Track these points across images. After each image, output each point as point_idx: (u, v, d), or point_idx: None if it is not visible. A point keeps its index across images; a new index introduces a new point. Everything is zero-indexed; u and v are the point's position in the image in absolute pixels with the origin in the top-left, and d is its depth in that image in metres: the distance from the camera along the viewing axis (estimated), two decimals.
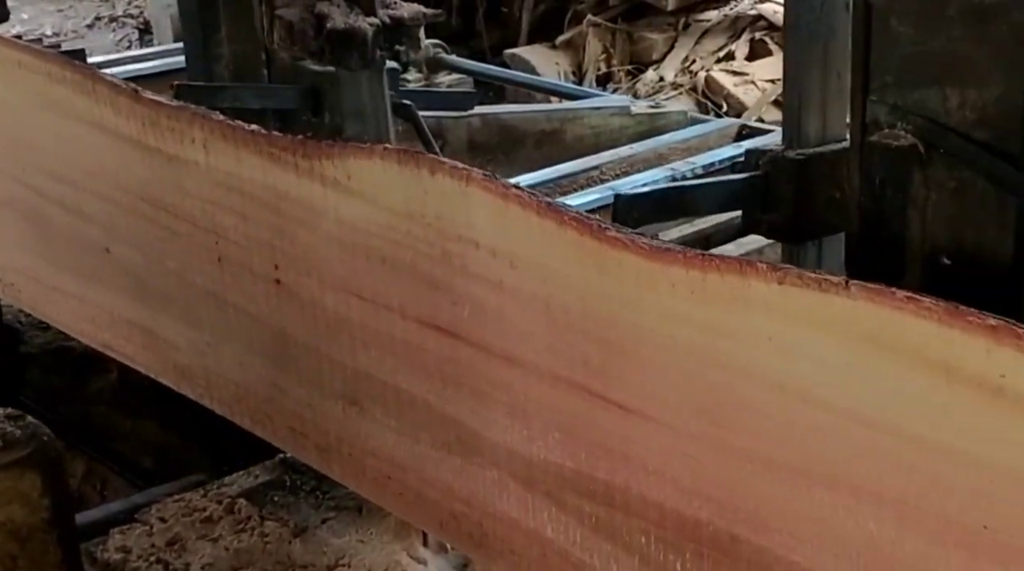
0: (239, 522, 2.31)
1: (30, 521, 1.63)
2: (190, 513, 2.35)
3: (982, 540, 1.25)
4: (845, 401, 1.33)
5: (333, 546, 2.22)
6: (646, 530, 1.61)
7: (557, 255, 1.56)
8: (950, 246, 1.60)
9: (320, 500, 2.37)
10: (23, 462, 1.62)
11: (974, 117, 1.54)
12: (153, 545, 2.27)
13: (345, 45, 2.43)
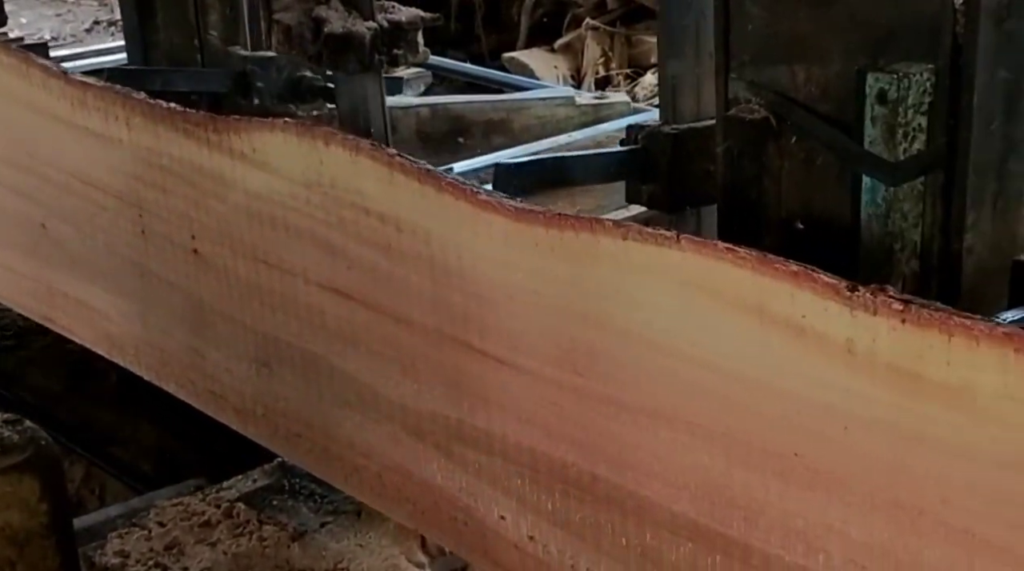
0: (237, 526, 2.31)
1: (28, 526, 1.62)
2: (188, 517, 2.34)
3: (793, 466, 1.40)
4: (681, 345, 1.47)
5: (332, 550, 2.22)
6: (521, 474, 1.74)
7: (437, 218, 1.70)
8: (802, 211, 1.74)
9: (319, 504, 2.37)
10: (21, 467, 1.61)
11: (818, 92, 1.69)
12: (151, 549, 2.26)
13: (343, 49, 2.41)
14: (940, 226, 1.63)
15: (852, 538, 1.38)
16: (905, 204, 1.61)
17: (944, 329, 1.23)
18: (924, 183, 1.62)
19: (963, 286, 1.64)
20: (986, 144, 1.62)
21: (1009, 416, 1.20)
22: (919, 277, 1.66)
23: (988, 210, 1.63)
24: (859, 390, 1.32)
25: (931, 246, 1.65)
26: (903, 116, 1.56)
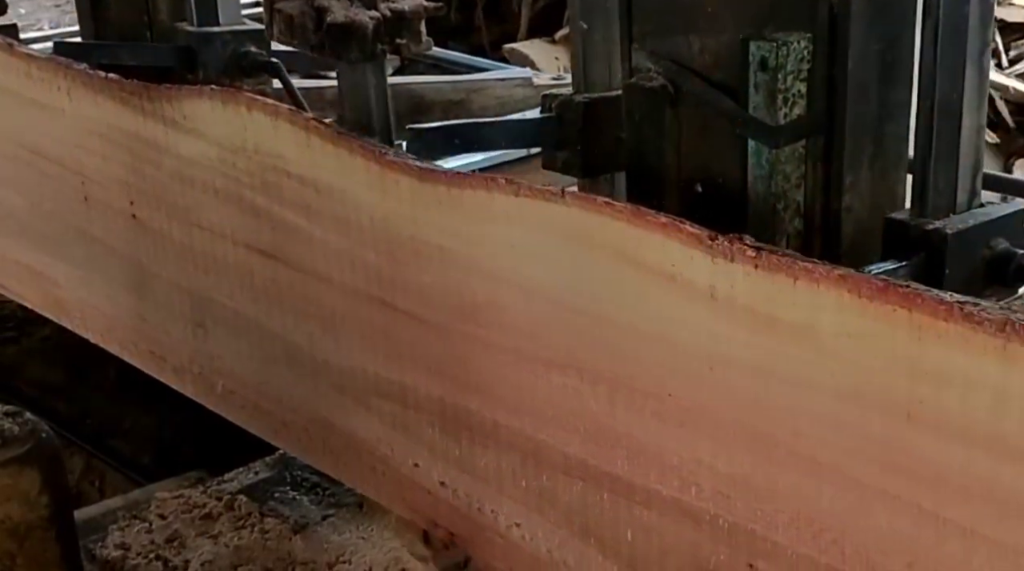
0: (239, 519, 2.29)
1: (29, 519, 1.61)
2: (189, 510, 2.33)
3: (668, 406, 1.52)
4: (569, 295, 1.59)
5: (334, 543, 2.21)
6: (432, 422, 1.86)
7: (350, 179, 1.82)
8: (700, 174, 1.86)
9: (320, 497, 2.35)
10: (22, 459, 1.60)
11: (711, 60, 1.80)
12: (152, 542, 2.25)
13: (345, 39, 2.37)
14: (821, 187, 1.75)
15: (719, 470, 1.50)
16: (787, 166, 1.73)
17: (790, 273, 1.35)
18: (805, 146, 1.74)
19: (843, 243, 1.76)
20: (862, 110, 1.73)
21: (845, 352, 1.33)
22: (803, 235, 1.78)
23: (866, 172, 1.75)
24: (721, 332, 1.44)
25: (813, 205, 1.76)
26: (783, 82, 1.68)
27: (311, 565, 2.16)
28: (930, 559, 1.32)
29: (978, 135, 1.69)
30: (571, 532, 1.73)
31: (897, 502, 1.33)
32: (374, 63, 2.42)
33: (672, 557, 1.60)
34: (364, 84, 2.44)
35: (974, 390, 1.23)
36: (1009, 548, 1.25)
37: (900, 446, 1.31)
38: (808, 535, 1.43)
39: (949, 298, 1.24)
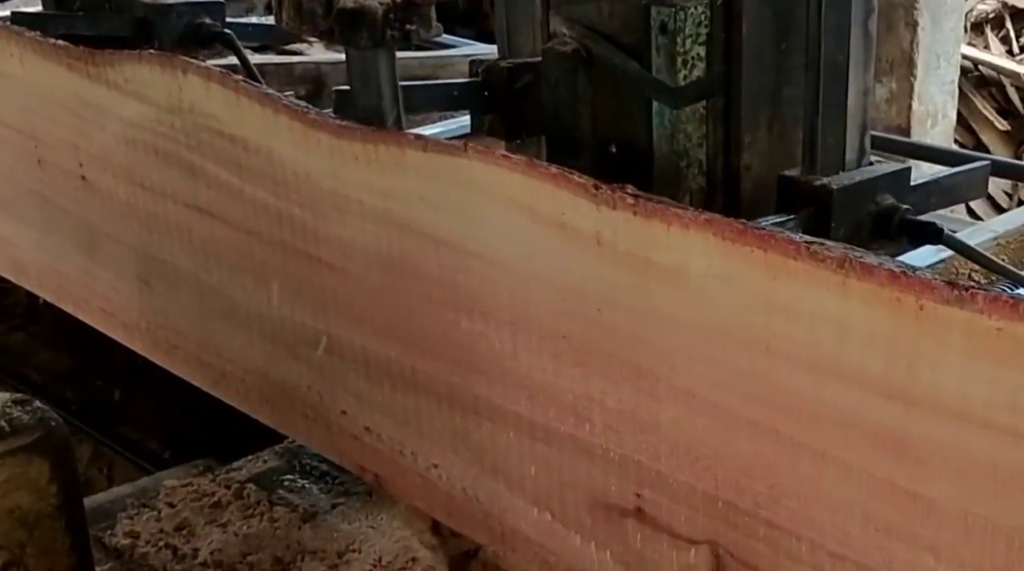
0: (248, 507, 2.30)
1: (38, 508, 1.60)
2: (199, 498, 2.34)
3: (563, 347, 1.64)
4: (473, 245, 1.71)
5: (343, 532, 2.22)
6: (356, 370, 1.98)
7: (276, 137, 1.93)
8: (612, 135, 1.97)
9: (330, 485, 2.36)
10: (31, 448, 1.59)
11: (619, 25, 1.91)
12: (161, 530, 2.26)
13: (355, 25, 2.32)
14: (722, 146, 1.86)
15: (608, 406, 1.62)
16: (688, 126, 1.84)
17: (664, 219, 1.47)
18: (706, 107, 1.85)
19: (743, 199, 1.87)
20: (759, 73, 1.85)
21: (712, 291, 1.44)
22: (705, 192, 1.89)
23: (764, 132, 1.86)
24: (607, 276, 1.55)
25: (715, 164, 1.88)
26: (682, 46, 1.79)
27: (320, 554, 2.17)
28: (788, 480, 1.44)
29: (865, 97, 1.80)
30: (482, 470, 1.85)
31: (759, 429, 1.45)
32: (384, 49, 2.38)
33: (570, 490, 1.72)
34: (374, 70, 2.41)
35: (819, 323, 1.35)
36: (854, 468, 1.37)
37: (760, 378, 1.43)
38: (686, 463, 1.55)
39: (798, 239, 1.36)
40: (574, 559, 1.76)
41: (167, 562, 2.15)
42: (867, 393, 1.34)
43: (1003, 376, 1.22)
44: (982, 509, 1.27)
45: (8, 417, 1.58)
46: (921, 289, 1.26)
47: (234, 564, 2.13)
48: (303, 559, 2.15)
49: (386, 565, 2.12)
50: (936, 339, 1.26)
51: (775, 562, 1.49)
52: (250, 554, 2.16)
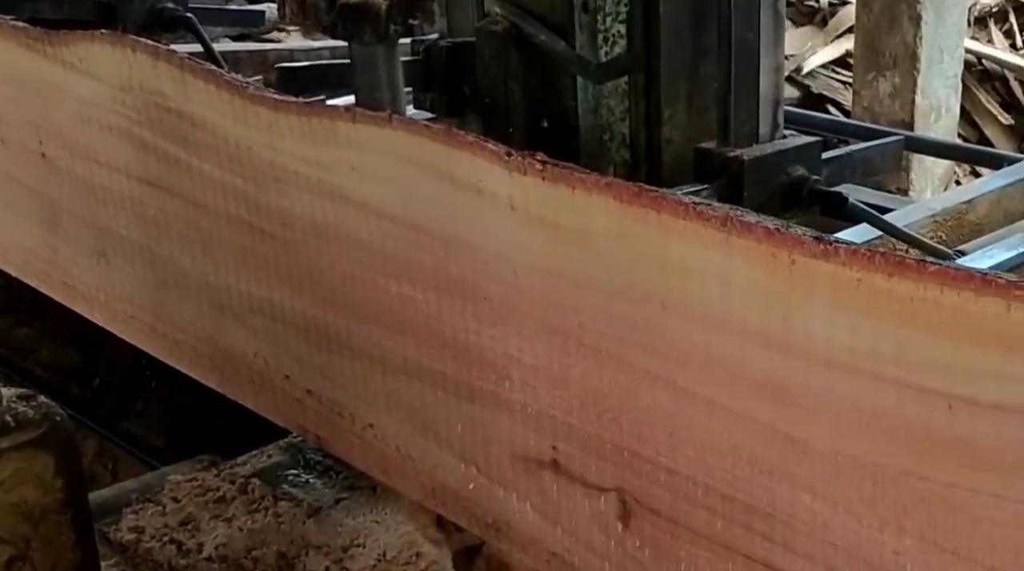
0: (252, 502, 2.30)
1: (43, 502, 1.60)
2: (203, 493, 2.34)
3: (484, 309, 1.75)
4: (401, 212, 1.81)
5: (347, 526, 2.22)
6: (297, 335, 2.09)
7: (219, 112, 2.03)
8: (543, 110, 2.07)
9: (334, 480, 2.36)
10: (36, 443, 1.58)
11: (547, 4, 2.01)
12: (166, 525, 2.26)
13: (358, 20, 2.34)
14: (644, 120, 1.96)
15: (525, 364, 1.72)
16: (611, 100, 1.94)
17: (569, 183, 1.57)
18: (628, 83, 1.95)
19: (664, 170, 1.97)
20: (677, 50, 1.94)
21: (613, 251, 1.54)
22: (629, 164, 1.99)
23: (683, 107, 1.96)
24: (520, 239, 1.65)
25: (638, 137, 1.98)
26: (603, 23, 1.89)
27: (325, 549, 2.18)
28: (684, 429, 1.54)
29: (776, 74, 1.90)
30: (414, 429, 1.95)
31: (657, 381, 1.55)
32: (387, 44, 2.38)
33: (493, 445, 1.82)
34: (376, 65, 2.40)
35: (707, 279, 1.45)
36: (740, 415, 1.47)
37: (658, 332, 1.53)
38: (594, 416, 1.65)
39: (686, 200, 1.46)
40: (499, 511, 1.86)
41: (172, 557, 2.17)
42: (749, 343, 1.44)
43: (863, 324, 1.32)
44: (850, 448, 1.37)
45: (13, 412, 1.59)
46: (792, 244, 1.36)
47: (239, 559, 2.15)
48: (308, 554, 2.16)
49: (390, 560, 2.14)
50: (806, 291, 1.36)
51: (674, 506, 1.60)
52: (255, 549, 2.18)
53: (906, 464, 1.33)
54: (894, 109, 4.19)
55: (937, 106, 4.28)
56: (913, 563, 1.35)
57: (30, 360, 3.32)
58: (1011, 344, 1.20)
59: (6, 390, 1.61)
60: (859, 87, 4.20)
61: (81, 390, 3.17)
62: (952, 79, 4.33)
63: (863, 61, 4.23)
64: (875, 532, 1.38)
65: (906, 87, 4.20)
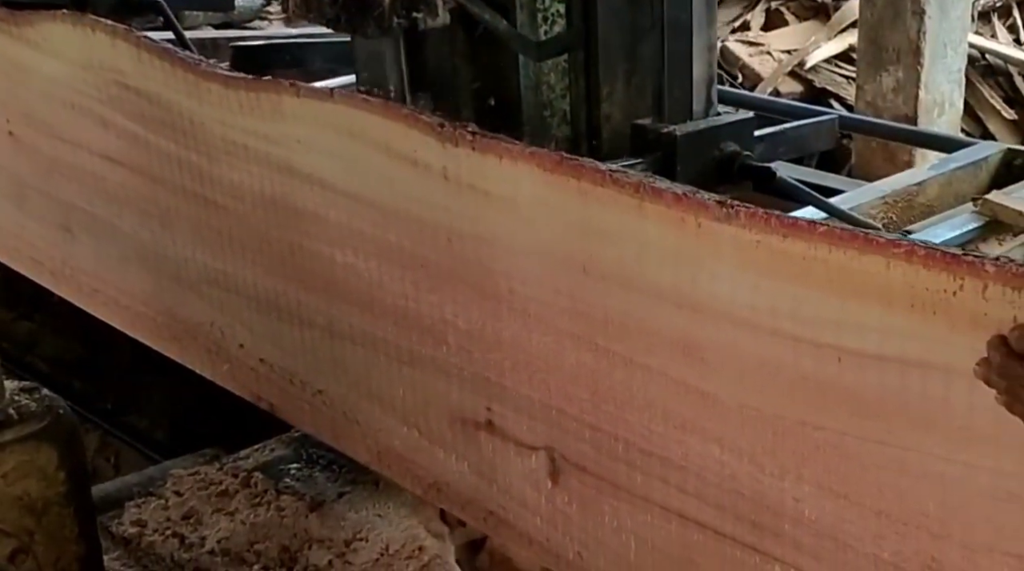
0: (255, 496, 2.30)
1: (46, 495, 1.60)
2: (206, 487, 2.33)
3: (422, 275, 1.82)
4: (341, 183, 1.88)
5: (350, 520, 2.22)
6: (250, 306, 2.16)
7: (174, 89, 2.10)
8: (490, 89, 2.14)
9: (336, 474, 2.35)
10: (39, 435, 1.59)
11: None
12: (169, 518, 2.26)
13: (362, 13, 2.32)
14: (584, 97, 2.03)
15: (460, 328, 1.79)
16: (551, 77, 2.01)
17: (497, 153, 1.64)
18: (568, 61, 2.02)
19: (603, 146, 2.05)
20: (615, 30, 2.01)
21: (538, 218, 1.62)
22: (570, 139, 2.06)
23: (621, 84, 2.03)
24: (453, 207, 1.73)
25: (578, 114, 2.05)
26: (542, 3, 1.96)
27: (328, 542, 2.18)
28: (605, 386, 1.62)
29: (710, 52, 1.98)
30: (360, 394, 2.02)
31: (580, 342, 1.63)
32: (390, 37, 2.37)
33: (432, 408, 1.90)
34: (380, 58, 2.40)
35: (623, 243, 1.53)
36: (655, 372, 1.55)
37: (581, 295, 1.61)
38: (525, 376, 1.73)
39: (603, 167, 1.53)
40: (439, 472, 1.94)
41: (174, 550, 2.17)
42: (662, 304, 1.51)
43: (763, 283, 1.39)
44: (753, 401, 1.45)
45: (16, 405, 1.59)
46: (699, 208, 1.44)
47: (241, 553, 2.16)
48: (310, 547, 2.16)
49: (393, 553, 2.14)
50: (712, 252, 1.43)
51: (598, 461, 1.67)
52: (257, 543, 2.18)
53: (803, 415, 1.40)
54: (897, 104, 4.18)
55: (940, 101, 4.26)
56: (810, 508, 1.43)
57: (32, 354, 3.32)
58: (891, 299, 1.27)
59: (9, 383, 1.62)
60: (862, 82, 4.19)
61: (83, 384, 3.17)
62: (956, 74, 4.31)
63: (866, 56, 4.22)
64: (776, 480, 1.45)
65: (909, 82, 4.17)
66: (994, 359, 1.13)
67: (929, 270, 1.24)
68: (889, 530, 1.35)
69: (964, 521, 1.28)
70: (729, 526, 1.53)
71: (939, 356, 1.25)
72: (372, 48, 2.44)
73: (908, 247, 1.26)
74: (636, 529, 1.66)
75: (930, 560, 1.32)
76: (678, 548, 1.61)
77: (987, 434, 1.22)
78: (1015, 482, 1.22)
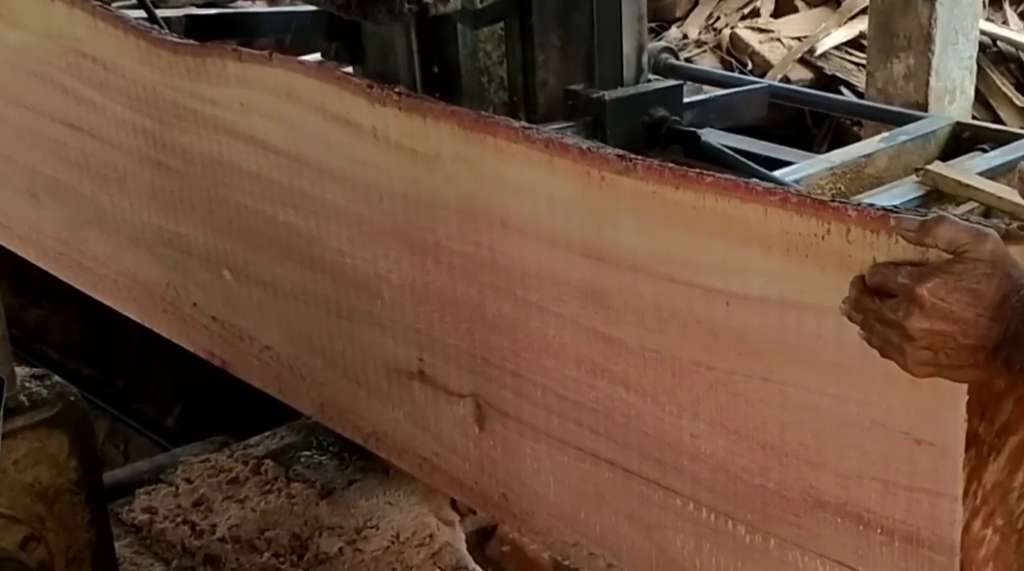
0: (265, 483, 2.30)
1: (58, 482, 1.59)
2: (216, 474, 2.33)
3: (357, 231, 1.89)
4: (281, 144, 1.96)
5: (360, 508, 2.22)
6: (202, 265, 2.24)
7: (125, 55, 2.18)
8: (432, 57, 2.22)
9: (347, 462, 2.35)
10: (50, 422, 1.58)
11: None
12: (179, 506, 2.25)
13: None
14: (520, 64, 2.11)
15: (393, 282, 1.87)
16: (488, 45, 2.08)
17: (421, 112, 1.72)
18: (504, 29, 2.09)
19: (539, 111, 2.12)
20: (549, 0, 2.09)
21: (459, 174, 1.70)
22: (507, 105, 2.13)
23: (556, 52, 2.11)
24: (383, 165, 1.80)
25: (515, 80, 2.12)
26: None
27: (338, 530, 2.18)
28: (523, 334, 1.70)
29: (640, 22, 2.05)
30: (304, 349, 2.10)
31: (500, 292, 1.71)
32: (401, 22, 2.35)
33: (370, 360, 1.98)
34: (391, 43, 2.39)
35: (536, 197, 1.61)
36: (567, 319, 1.63)
37: (500, 249, 1.69)
38: (452, 327, 1.81)
39: (516, 124, 1.61)
40: (377, 421, 2.02)
41: (185, 537, 2.18)
42: (572, 254, 1.59)
43: (660, 232, 1.47)
44: (653, 344, 1.53)
45: (27, 392, 1.58)
46: (601, 162, 1.51)
47: (252, 540, 2.16)
48: (321, 535, 2.17)
49: (404, 541, 2.15)
50: (614, 203, 1.51)
51: (519, 406, 1.75)
52: (268, 530, 2.18)
53: (697, 356, 1.48)
54: (908, 91, 4.15)
55: (952, 88, 4.24)
56: (706, 444, 1.51)
57: (41, 341, 3.31)
58: (769, 244, 1.35)
59: (20, 369, 1.61)
60: (873, 69, 4.18)
61: (93, 371, 3.14)
62: (967, 61, 4.27)
63: (877, 43, 4.19)
64: (675, 419, 1.53)
65: (920, 69, 4.14)
66: (851, 295, 1.21)
67: (801, 216, 1.32)
68: (773, 461, 1.43)
69: (837, 450, 1.36)
70: (636, 464, 1.61)
71: (811, 297, 1.33)
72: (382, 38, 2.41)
73: (783, 195, 1.33)
74: (554, 470, 1.74)
75: (808, 487, 1.40)
76: (591, 486, 1.69)
77: (854, 368, 1.30)
78: (878, 411, 1.30)
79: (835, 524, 1.39)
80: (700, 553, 1.56)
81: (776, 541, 1.46)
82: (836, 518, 1.38)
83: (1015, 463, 1.28)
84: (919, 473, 1.28)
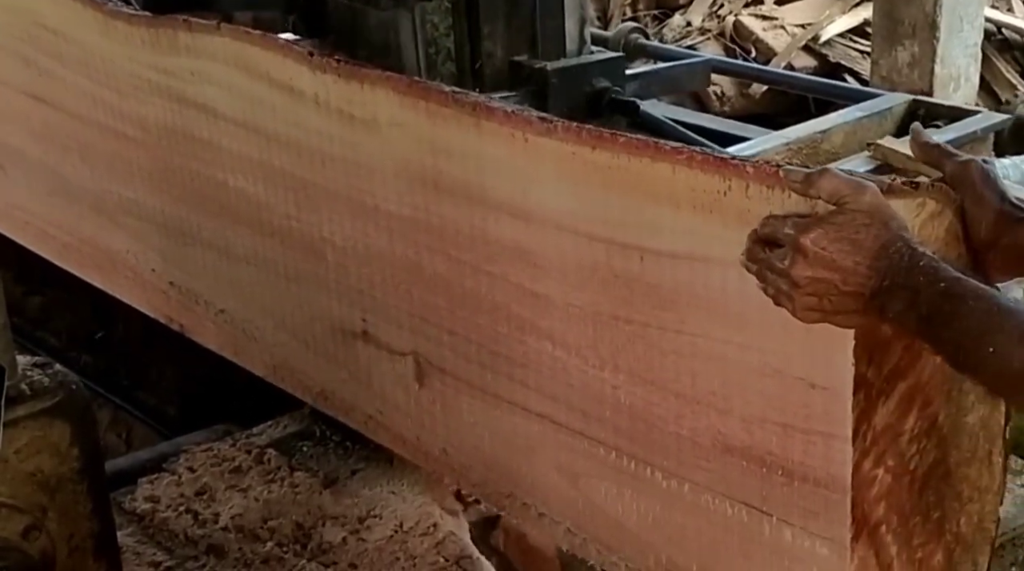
0: (268, 472, 2.28)
1: (59, 471, 1.58)
2: (219, 463, 2.31)
3: (303, 198, 1.93)
4: (230, 111, 2.00)
5: (364, 497, 2.21)
6: (159, 231, 2.28)
7: (84, 28, 2.23)
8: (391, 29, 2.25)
9: (350, 451, 2.34)
10: (52, 411, 1.56)
11: None
12: (182, 495, 2.24)
13: None
14: (467, 35, 2.14)
15: (338, 245, 1.92)
16: (435, 17, 2.12)
17: (358, 78, 1.76)
18: (451, 2, 2.13)
19: (486, 81, 2.16)
20: None
21: (395, 138, 1.74)
22: (456, 76, 2.17)
23: (502, 24, 2.15)
24: (324, 130, 1.85)
25: (462, 51, 2.16)
26: None
27: (342, 519, 2.17)
28: (458, 293, 1.74)
29: None
30: (255, 312, 2.15)
31: (435, 253, 1.75)
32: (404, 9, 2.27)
33: (317, 322, 2.02)
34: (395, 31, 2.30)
35: (466, 159, 1.65)
36: (497, 277, 1.67)
37: (435, 209, 1.73)
38: (392, 288, 1.86)
39: (447, 89, 1.66)
40: (324, 380, 2.06)
41: (188, 527, 2.16)
42: (501, 214, 1.64)
43: (579, 191, 1.52)
44: (577, 300, 1.57)
45: (29, 380, 1.57)
46: (525, 125, 1.56)
47: (255, 529, 2.15)
48: (324, 524, 2.16)
49: (407, 530, 2.15)
50: (538, 164, 1.56)
51: (456, 363, 1.80)
52: (271, 519, 2.17)
53: (615, 310, 1.53)
54: (913, 78, 4.12)
55: (956, 75, 4.20)
56: (626, 395, 1.55)
57: (43, 329, 3.27)
58: (678, 201, 1.40)
59: (22, 358, 1.59)
60: (877, 56, 4.16)
61: (95, 359, 3.12)
62: (972, 48, 4.23)
63: (881, 30, 4.17)
64: (598, 371, 1.58)
65: (925, 56, 4.10)
66: (747, 246, 1.26)
67: (705, 173, 1.36)
68: (686, 409, 1.48)
69: (742, 397, 1.41)
70: (563, 416, 1.66)
71: (716, 251, 1.38)
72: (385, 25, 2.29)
73: (688, 154, 1.38)
74: (489, 424, 1.79)
75: (717, 433, 1.45)
76: (523, 439, 1.74)
77: (755, 318, 1.35)
78: (776, 358, 1.35)
79: (741, 467, 1.43)
80: (622, 499, 1.61)
81: (690, 485, 1.51)
82: (742, 462, 1.43)
83: (905, 407, 1.32)
84: (814, 416, 1.33)
